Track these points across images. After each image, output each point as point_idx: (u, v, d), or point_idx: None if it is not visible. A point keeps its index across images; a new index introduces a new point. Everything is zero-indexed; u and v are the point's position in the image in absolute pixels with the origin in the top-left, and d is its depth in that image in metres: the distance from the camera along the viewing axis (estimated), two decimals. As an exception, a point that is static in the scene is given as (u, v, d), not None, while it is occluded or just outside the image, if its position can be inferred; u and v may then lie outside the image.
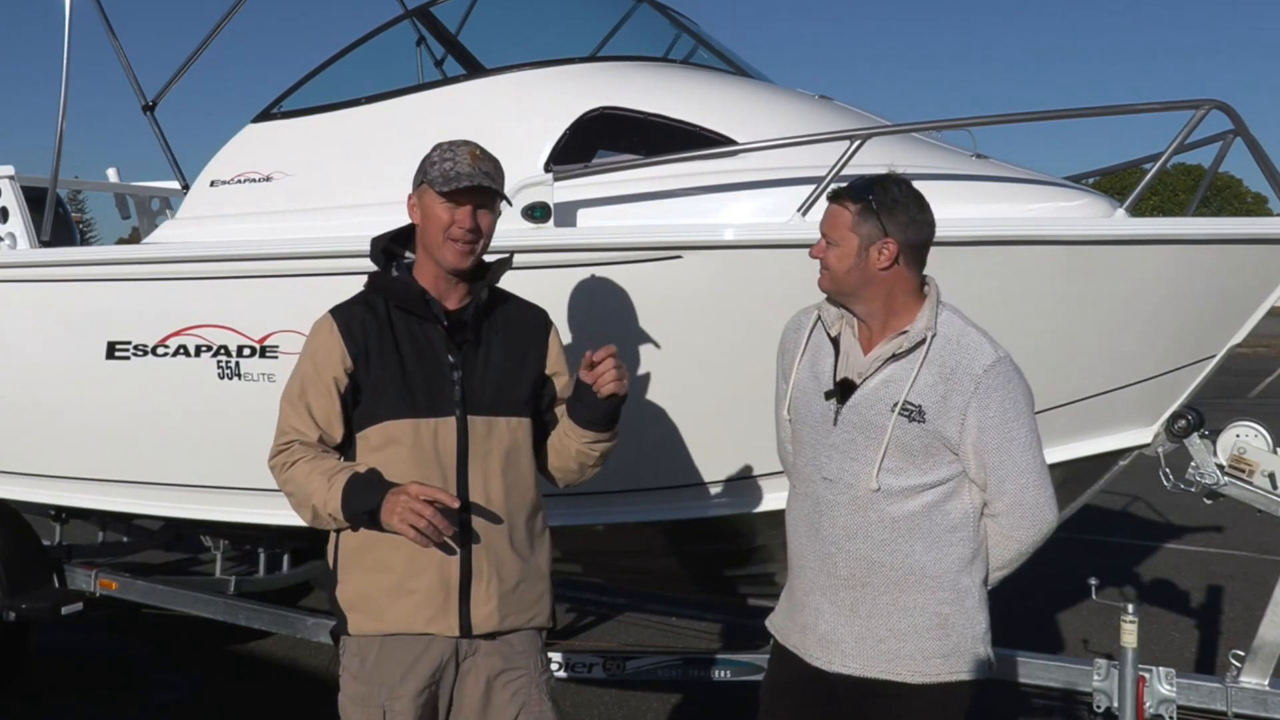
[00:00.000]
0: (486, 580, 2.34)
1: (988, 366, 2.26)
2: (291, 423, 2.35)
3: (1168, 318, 3.38)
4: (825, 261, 2.34)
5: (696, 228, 3.34)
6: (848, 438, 2.32)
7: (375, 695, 2.32)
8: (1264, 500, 3.53)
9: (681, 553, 4.04)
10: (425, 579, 2.30)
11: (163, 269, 4.00)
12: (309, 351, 2.38)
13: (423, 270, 2.40)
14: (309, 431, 2.34)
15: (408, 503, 2.17)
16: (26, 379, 4.33)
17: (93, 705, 4.74)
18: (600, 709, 4.65)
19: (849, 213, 2.30)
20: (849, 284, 2.32)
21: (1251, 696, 3.31)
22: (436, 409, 2.33)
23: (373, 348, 2.33)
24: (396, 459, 2.30)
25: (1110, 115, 3.71)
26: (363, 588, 2.35)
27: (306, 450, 2.33)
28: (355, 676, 2.36)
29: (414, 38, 4.49)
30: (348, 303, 2.41)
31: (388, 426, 2.32)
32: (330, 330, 2.35)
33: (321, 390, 2.34)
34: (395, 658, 2.32)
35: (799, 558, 2.44)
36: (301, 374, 2.37)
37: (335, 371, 2.33)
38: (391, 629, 2.32)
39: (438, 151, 2.35)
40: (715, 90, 3.93)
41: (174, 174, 4.79)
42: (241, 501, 4.12)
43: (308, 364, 2.37)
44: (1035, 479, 2.28)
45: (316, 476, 2.29)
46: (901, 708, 2.31)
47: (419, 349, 2.35)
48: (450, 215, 2.31)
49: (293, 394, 2.37)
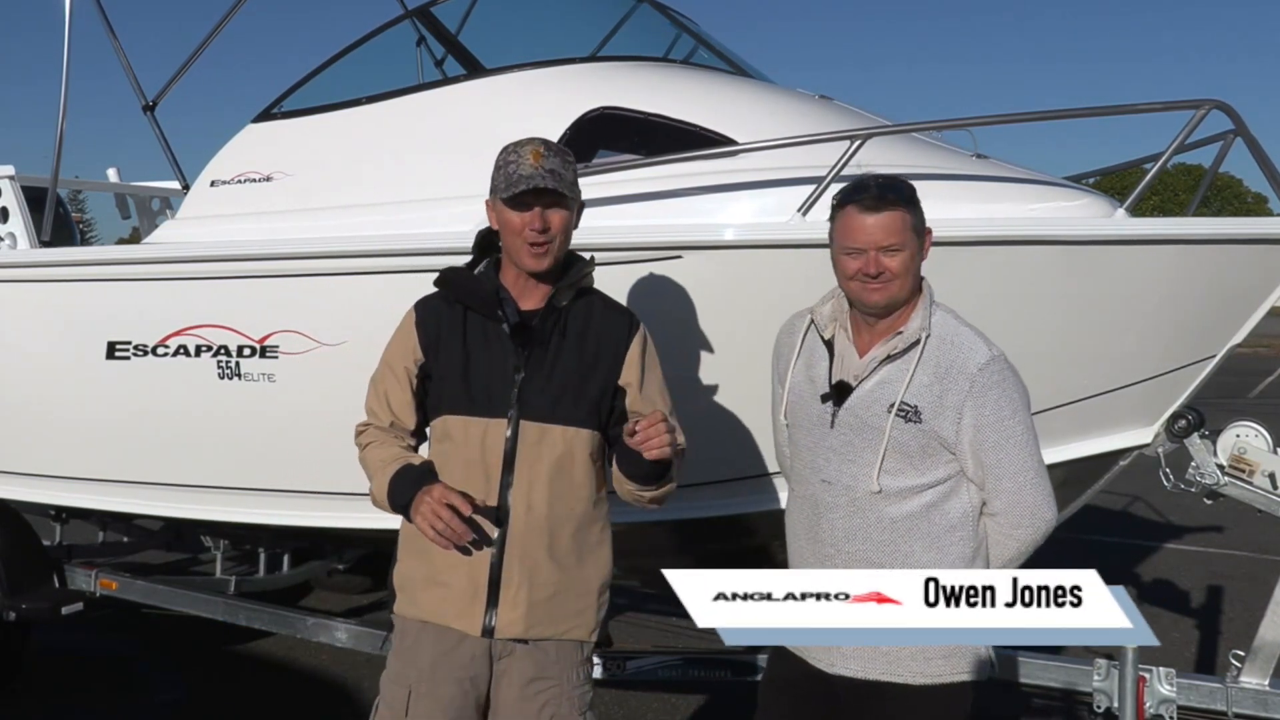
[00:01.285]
0: (516, 586, 2.33)
1: (982, 365, 2.25)
2: (370, 405, 2.45)
3: (1168, 318, 3.38)
4: (891, 272, 2.25)
5: (696, 228, 3.34)
6: (845, 440, 2.32)
7: (406, 675, 2.37)
8: (1264, 500, 3.53)
9: (683, 553, 4.04)
10: (456, 574, 2.33)
11: (163, 269, 4.00)
12: (393, 339, 2.45)
13: (506, 269, 2.41)
14: (383, 416, 2.42)
15: (430, 504, 2.22)
16: (26, 379, 4.33)
17: (93, 705, 4.74)
18: (600, 709, 4.58)
19: (905, 213, 2.25)
20: (909, 288, 2.29)
21: (1251, 696, 3.31)
22: (492, 409, 2.33)
23: (442, 341, 2.38)
24: (448, 454, 2.36)
25: (1110, 115, 3.71)
26: (408, 571, 2.42)
27: (378, 434, 2.41)
28: (395, 654, 2.43)
29: (414, 38, 4.49)
30: (431, 294, 2.46)
31: (446, 421, 2.37)
32: (409, 320, 2.43)
33: (394, 378, 2.41)
34: (430, 645, 2.37)
35: (799, 560, 2.44)
36: (384, 360, 2.45)
37: (407, 361, 2.40)
38: (424, 616, 2.38)
39: (503, 154, 2.35)
40: (715, 90, 3.93)
41: (174, 174, 4.79)
42: (241, 501, 4.13)
43: (389, 350, 2.44)
44: (1033, 477, 2.28)
45: (378, 464, 2.36)
46: (902, 708, 2.30)
47: (486, 347, 2.36)
48: (519, 219, 2.30)
49: (376, 377, 2.46)
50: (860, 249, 2.26)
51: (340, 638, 4.19)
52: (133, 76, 4.53)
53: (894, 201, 2.25)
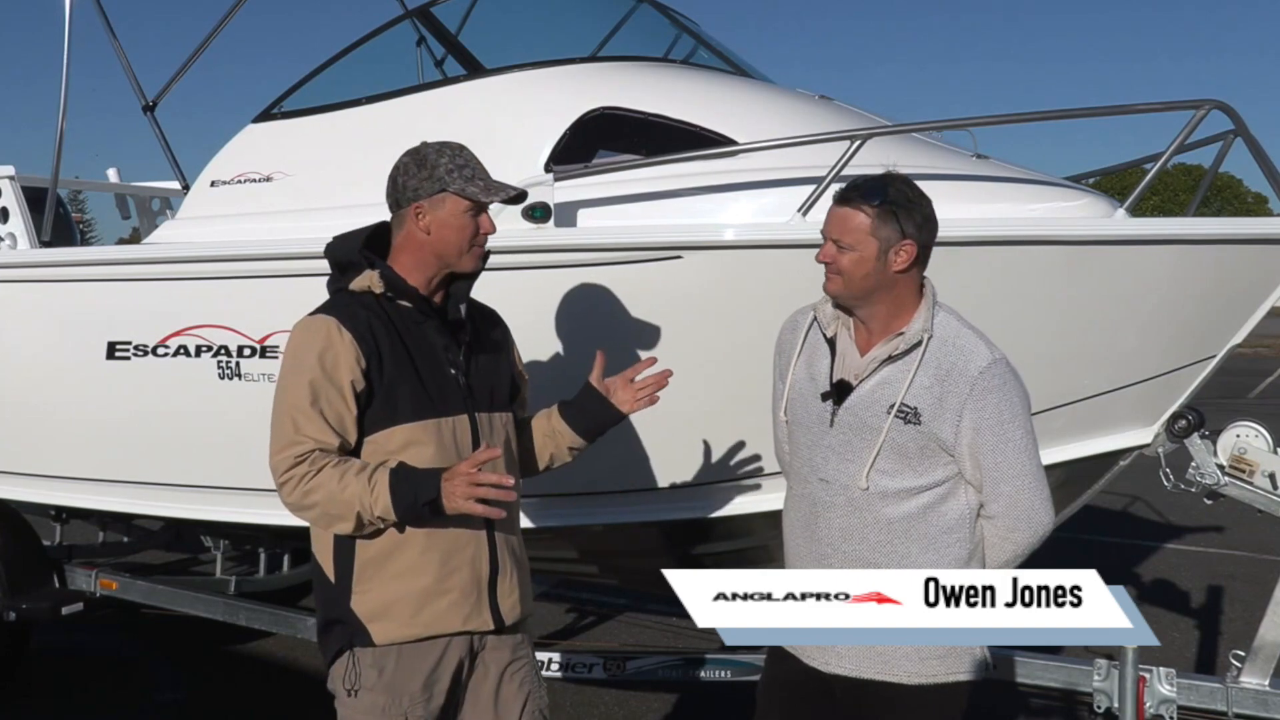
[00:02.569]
0: (509, 573, 2.39)
1: (983, 368, 2.25)
2: (307, 432, 2.20)
3: (1168, 318, 3.38)
4: (837, 266, 2.29)
5: (696, 228, 3.34)
6: (844, 439, 2.32)
7: (397, 705, 2.27)
8: (1264, 500, 3.53)
9: (682, 553, 4.04)
10: (459, 578, 2.30)
11: (163, 269, 4.00)
12: (313, 355, 2.23)
13: (412, 273, 2.34)
14: (329, 439, 2.22)
15: (465, 479, 2.12)
16: (26, 379, 4.33)
17: (93, 705, 4.75)
18: (600, 709, 4.65)
19: (866, 215, 2.25)
20: (864, 288, 2.29)
21: (1252, 696, 3.31)
22: (450, 408, 2.33)
23: (384, 350, 2.27)
24: (419, 460, 2.25)
25: (1110, 115, 3.71)
26: (387, 595, 2.27)
27: (329, 458, 2.21)
28: (371, 689, 2.27)
29: (414, 38, 4.49)
30: (339, 304, 2.31)
31: (410, 429, 2.27)
32: (338, 332, 2.24)
33: (336, 395, 2.22)
34: (415, 664, 2.29)
35: (795, 558, 2.44)
36: (308, 380, 2.21)
37: (351, 375, 2.23)
38: (424, 632, 2.28)
39: (446, 158, 2.31)
40: (715, 90, 3.93)
41: (174, 174, 4.79)
42: (241, 501, 4.12)
43: (313, 369, 2.22)
44: (1031, 481, 2.27)
45: (351, 481, 2.17)
46: (897, 708, 2.31)
47: (424, 349, 2.33)
48: (474, 224, 2.31)
49: (301, 402, 2.21)
50: (824, 235, 2.32)
51: (340, 638, 4.18)
52: (133, 76, 4.53)
53: (859, 201, 2.26)
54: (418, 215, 2.32)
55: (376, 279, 2.32)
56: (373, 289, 2.32)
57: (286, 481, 2.21)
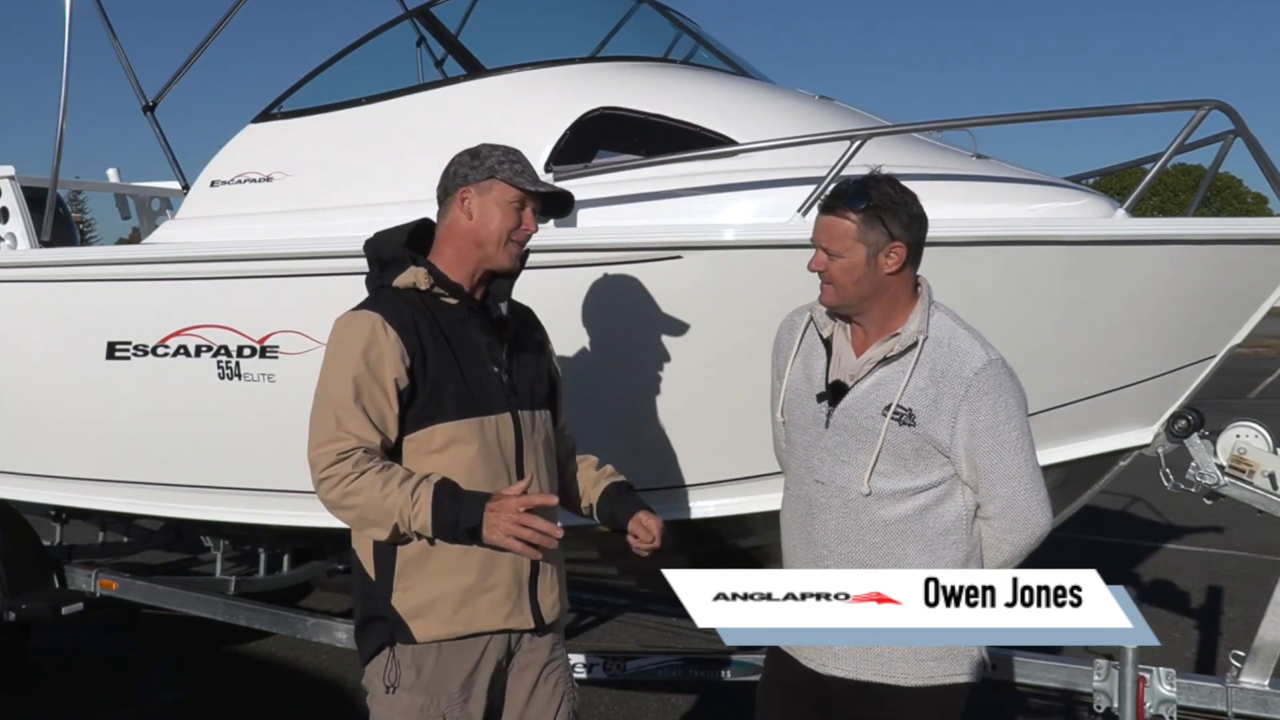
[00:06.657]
0: (549, 571, 2.38)
1: (979, 369, 2.24)
2: (350, 428, 2.17)
3: (1168, 318, 3.38)
4: (829, 275, 2.28)
5: (696, 228, 3.34)
6: (839, 441, 2.31)
7: (435, 705, 2.25)
8: (1264, 500, 3.53)
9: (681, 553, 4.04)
10: (500, 575, 2.28)
11: (163, 269, 4.00)
12: (357, 351, 2.20)
13: (455, 268, 2.34)
14: (371, 437, 2.19)
15: (511, 517, 2.13)
16: (26, 379, 4.33)
17: (93, 705, 4.75)
18: (600, 709, 4.65)
19: (850, 222, 2.24)
20: (858, 295, 2.27)
21: (1251, 696, 3.31)
22: (493, 406, 2.31)
23: (429, 347, 2.25)
24: (462, 459, 2.25)
25: (1110, 115, 3.71)
26: (429, 593, 2.26)
27: (372, 459, 2.18)
28: (410, 688, 2.26)
29: (414, 38, 4.50)
30: (383, 301, 2.29)
31: (454, 427, 2.25)
32: (383, 328, 2.21)
33: (379, 392, 2.20)
34: (455, 664, 2.27)
35: (792, 559, 2.44)
36: (352, 376, 2.19)
37: (395, 372, 2.20)
38: (467, 630, 2.27)
39: (500, 153, 2.33)
40: (715, 90, 3.93)
41: (174, 174, 4.79)
42: (241, 501, 4.13)
43: (358, 365, 2.19)
44: (1027, 482, 2.26)
45: (394, 489, 2.15)
46: (894, 710, 2.30)
47: (468, 347, 2.32)
48: (518, 217, 2.32)
49: (344, 398, 2.18)
50: (814, 244, 2.31)
51: (340, 638, 4.19)
52: (133, 77, 4.54)
53: (842, 209, 2.25)
54: (463, 200, 2.33)
55: (423, 275, 2.30)
56: (418, 285, 2.29)
57: (327, 478, 2.18)
